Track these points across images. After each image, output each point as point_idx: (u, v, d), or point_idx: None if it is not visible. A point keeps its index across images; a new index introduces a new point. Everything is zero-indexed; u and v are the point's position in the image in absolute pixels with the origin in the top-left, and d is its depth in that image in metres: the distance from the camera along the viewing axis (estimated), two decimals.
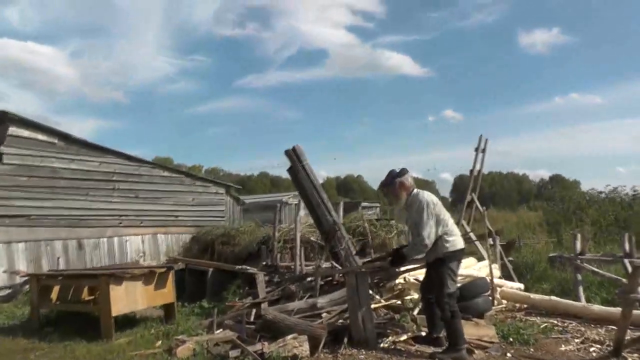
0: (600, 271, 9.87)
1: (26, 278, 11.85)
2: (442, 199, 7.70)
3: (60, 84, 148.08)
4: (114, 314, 8.31)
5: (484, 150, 13.17)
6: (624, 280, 8.67)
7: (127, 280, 8.62)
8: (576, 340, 7.11)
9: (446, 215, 6.67)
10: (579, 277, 9.84)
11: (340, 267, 8.51)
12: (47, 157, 14.25)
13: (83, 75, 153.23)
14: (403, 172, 6.90)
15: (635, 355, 6.11)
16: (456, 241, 6.57)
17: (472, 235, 11.93)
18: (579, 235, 10.71)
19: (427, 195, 6.69)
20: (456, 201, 54.86)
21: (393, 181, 6.86)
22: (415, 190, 6.80)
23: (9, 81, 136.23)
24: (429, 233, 6.41)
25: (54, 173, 14.38)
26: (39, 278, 9.88)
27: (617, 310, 7.04)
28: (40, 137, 14.19)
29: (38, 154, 14.03)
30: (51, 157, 14.34)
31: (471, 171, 13.40)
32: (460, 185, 78.86)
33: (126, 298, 8.61)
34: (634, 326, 6.70)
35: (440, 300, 6.45)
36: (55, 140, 14.53)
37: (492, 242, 11.21)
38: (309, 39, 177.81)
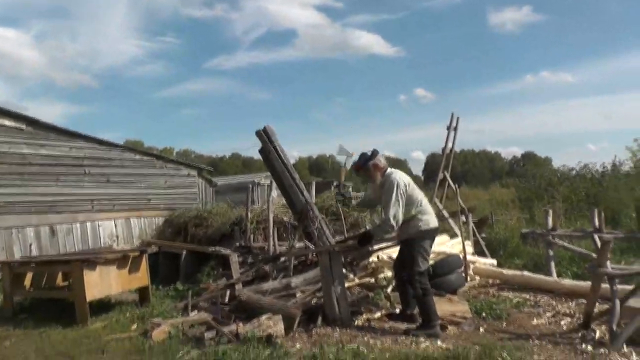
0: (571, 246, 10.00)
1: None
2: (415, 178, 7.76)
3: (25, 68, 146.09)
4: (88, 299, 8.22)
5: (455, 128, 13.23)
6: (594, 255, 8.80)
7: (100, 265, 8.54)
8: (547, 314, 7.25)
9: (420, 195, 6.72)
10: (551, 252, 9.97)
11: (313, 247, 8.53)
12: (16, 143, 14.01)
13: (49, 58, 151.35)
14: (374, 153, 6.95)
15: (603, 327, 6.21)
16: (429, 220, 6.62)
17: (444, 212, 12.04)
18: (550, 212, 10.83)
19: (399, 176, 6.72)
20: (428, 179, 55.34)
21: (366, 164, 6.91)
22: (388, 170, 6.83)
23: None
24: (395, 213, 6.46)
25: (23, 159, 14.15)
26: (10, 265, 9.75)
27: (587, 284, 7.18)
28: (7, 123, 13.92)
29: (6, 140, 13.78)
30: (20, 143, 14.09)
31: (443, 149, 13.45)
32: (432, 163, 79.24)
33: (100, 283, 8.53)
34: (603, 299, 6.81)
35: (412, 278, 6.52)
36: (23, 126, 14.28)
37: (464, 219, 11.30)
38: (277, 19, 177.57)
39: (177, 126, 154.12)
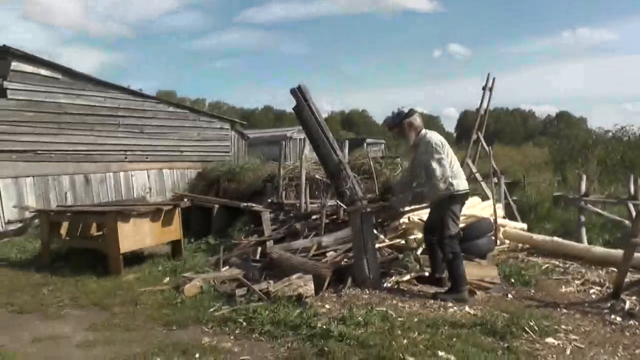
0: (604, 213, 9.90)
1: (35, 213, 11.97)
2: (447, 135, 7.68)
3: (60, 16, 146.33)
4: (122, 251, 8.44)
5: (491, 89, 13.00)
6: (627, 222, 8.72)
7: (134, 217, 8.72)
8: (576, 282, 7.17)
9: (452, 158, 6.65)
10: (582, 218, 9.87)
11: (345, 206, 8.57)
12: (52, 93, 14.16)
13: (84, 6, 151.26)
14: (411, 112, 6.80)
15: (634, 297, 6.16)
16: (460, 184, 6.52)
17: (477, 175, 11.95)
18: (584, 177, 10.68)
19: (435, 136, 6.64)
20: (461, 138, 54.74)
21: (401, 122, 6.78)
22: (423, 130, 6.75)
23: (8, 12, 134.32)
24: (443, 173, 6.36)
25: (59, 108, 14.31)
26: (47, 214, 10.00)
27: (619, 252, 7.08)
28: (44, 72, 14.05)
29: (42, 89, 13.94)
30: (56, 93, 14.24)
31: (477, 110, 13.27)
32: (465, 121, 78.46)
33: (134, 235, 8.72)
34: (634, 269, 6.75)
35: (442, 242, 6.50)
36: (59, 76, 14.40)
37: (496, 182, 11.22)
38: None
39: (210, 77, 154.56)
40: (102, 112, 15.37)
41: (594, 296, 6.61)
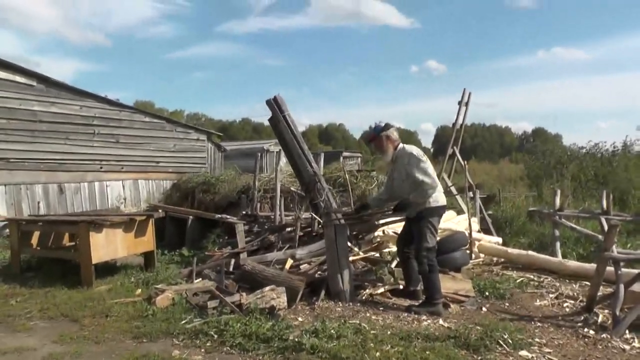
0: (578, 227, 9.99)
1: (5, 222, 11.76)
2: (424, 150, 7.70)
3: (37, 23, 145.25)
4: (94, 261, 8.26)
5: (467, 104, 13.12)
6: (600, 236, 8.78)
7: (107, 227, 8.57)
8: (551, 296, 7.23)
9: (431, 170, 6.65)
10: (557, 232, 9.96)
11: (319, 219, 8.53)
12: (27, 100, 14.00)
13: (62, 14, 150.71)
14: (387, 126, 6.89)
15: (606, 311, 6.20)
16: (439, 197, 6.56)
17: (453, 189, 12.00)
18: (558, 192, 10.81)
19: (414, 148, 6.71)
20: (438, 152, 55.06)
21: (379, 135, 6.83)
22: (401, 144, 6.78)
23: None
24: (432, 181, 6.40)
25: (33, 116, 14.14)
26: (19, 223, 9.82)
27: (592, 266, 7.15)
28: (19, 79, 13.89)
29: (17, 96, 13.77)
30: (31, 100, 14.08)
31: (454, 124, 13.37)
32: (442, 136, 79.03)
33: (106, 245, 8.57)
34: (607, 282, 6.79)
35: (419, 254, 6.50)
36: (34, 83, 14.24)
37: (472, 196, 11.28)
38: None
39: (188, 89, 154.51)
40: (77, 121, 15.19)
41: (567, 309, 6.65)
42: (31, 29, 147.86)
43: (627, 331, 5.59)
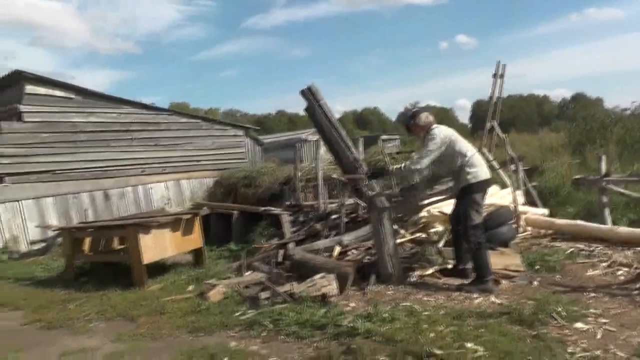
0: (627, 192, 9.76)
1: (58, 231, 12.07)
2: (461, 127, 7.66)
3: (69, 39, 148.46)
4: (144, 262, 8.45)
5: (502, 76, 12.91)
6: None
7: (154, 228, 8.74)
8: (603, 264, 7.07)
9: (465, 147, 6.60)
10: (605, 199, 9.75)
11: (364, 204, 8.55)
12: (66, 113, 14.37)
13: (91, 28, 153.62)
14: (415, 114, 7.00)
15: None
16: (478, 172, 6.50)
17: (494, 163, 11.86)
18: (603, 157, 10.54)
19: (440, 130, 6.67)
20: (476, 127, 54.44)
21: (409, 123, 7.01)
22: (433, 126, 6.76)
23: (18, 39, 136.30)
24: (423, 160, 6.53)
25: (74, 127, 14.51)
26: (70, 231, 10.07)
27: None
28: (57, 93, 14.27)
29: (57, 110, 14.16)
30: (70, 112, 14.45)
31: (490, 98, 13.19)
32: (479, 111, 77.89)
33: (155, 246, 8.74)
34: None
35: (466, 232, 6.48)
36: (72, 95, 14.60)
37: (514, 169, 11.13)
38: None
39: (221, 87, 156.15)
40: (116, 128, 15.53)
41: (621, 278, 6.51)
42: (64, 44, 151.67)
43: None
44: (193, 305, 6.81)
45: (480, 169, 6.56)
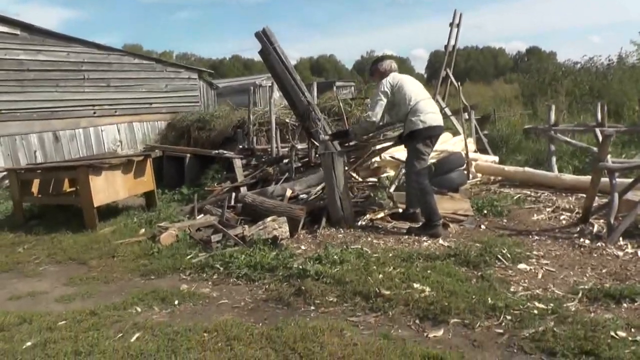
0: (573, 141, 10.02)
1: (4, 173, 11.78)
2: (417, 76, 7.74)
3: None
4: (96, 204, 8.33)
5: (458, 25, 12.95)
6: (595, 149, 8.83)
7: (106, 170, 8.61)
8: (548, 210, 7.34)
9: (412, 94, 6.55)
10: (552, 147, 10.02)
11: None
12: (12, 50, 13.80)
13: None
14: (379, 59, 7.18)
15: (601, 221, 6.31)
16: (424, 119, 6.45)
17: (447, 110, 11.98)
18: (553, 107, 10.76)
19: (390, 78, 6.71)
20: (431, 77, 54.56)
21: (371, 68, 7.15)
22: (390, 74, 6.76)
23: None
24: (374, 111, 6.62)
25: (20, 65, 13.97)
26: (17, 173, 9.83)
27: (587, 178, 7.19)
28: (1, 28, 13.67)
29: (1, 46, 13.58)
30: (16, 50, 13.88)
31: (445, 47, 13.24)
32: (435, 61, 78.03)
33: (107, 188, 8.62)
34: (603, 194, 6.89)
35: (408, 177, 6.66)
36: (18, 32, 13.98)
37: (467, 117, 11.27)
38: None
39: (174, 29, 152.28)
40: (66, 67, 15.00)
41: (564, 222, 6.77)
42: None
43: (620, 238, 5.72)
44: (145, 248, 6.78)
45: (426, 116, 6.50)
